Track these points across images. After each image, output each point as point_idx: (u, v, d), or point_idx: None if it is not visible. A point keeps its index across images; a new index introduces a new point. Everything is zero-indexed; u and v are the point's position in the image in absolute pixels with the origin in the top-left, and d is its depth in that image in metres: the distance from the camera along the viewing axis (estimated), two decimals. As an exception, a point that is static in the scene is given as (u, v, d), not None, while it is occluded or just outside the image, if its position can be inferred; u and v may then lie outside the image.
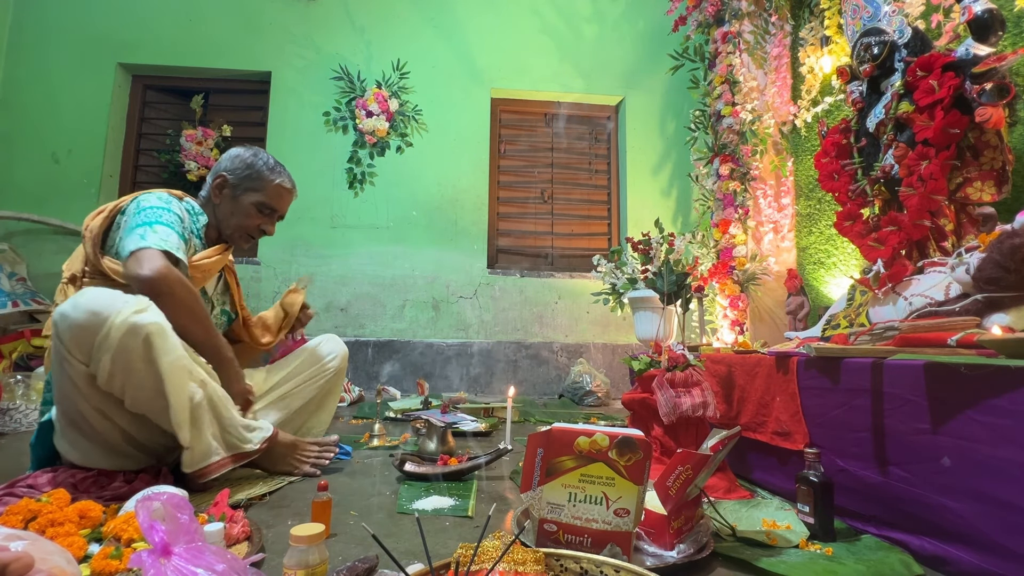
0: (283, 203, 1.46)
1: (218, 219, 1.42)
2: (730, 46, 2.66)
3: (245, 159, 1.41)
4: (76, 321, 1.01)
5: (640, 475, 0.83)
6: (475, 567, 0.62)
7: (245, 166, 1.41)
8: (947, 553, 0.87)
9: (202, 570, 0.58)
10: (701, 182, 2.81)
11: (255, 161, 1.41)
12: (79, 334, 1.01)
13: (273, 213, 1.45)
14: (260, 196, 1.41)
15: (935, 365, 0.91)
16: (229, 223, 1.41)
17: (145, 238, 1.17)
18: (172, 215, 1.26)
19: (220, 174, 1.40)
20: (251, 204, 1.41)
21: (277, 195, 1.44)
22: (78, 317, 1.01)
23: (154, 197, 1.28)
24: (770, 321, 2.52)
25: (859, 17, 1.68)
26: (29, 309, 2.78)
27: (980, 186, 1.41)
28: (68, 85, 3.22)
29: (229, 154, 1.43)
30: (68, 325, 1.02)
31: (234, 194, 1.40)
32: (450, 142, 3.41)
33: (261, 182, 1.41)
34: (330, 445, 1.46)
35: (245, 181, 1.40)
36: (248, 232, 1.43)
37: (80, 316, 1.01)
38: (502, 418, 2.24)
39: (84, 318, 1.01)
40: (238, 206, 1.40)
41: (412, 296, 3.27)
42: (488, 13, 3.49)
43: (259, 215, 1.43)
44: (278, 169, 1.45)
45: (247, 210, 1.41)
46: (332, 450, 1.45)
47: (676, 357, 1.37)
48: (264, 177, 1.41)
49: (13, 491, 1.04)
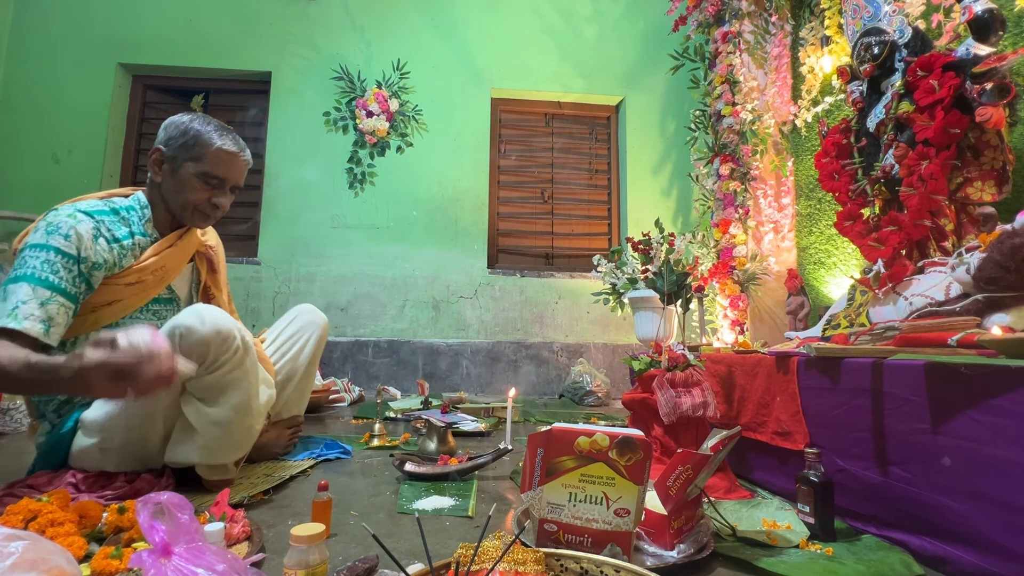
0: (231, 170, 1.26)
1: (165, 199, 1.24)
2: (730, 46, 2.66)
3: (180, 125, 1.23)
4: (203, 336, 1.08)
5: (640, 475, 0.83)
6: (475, 567, 0.62)
7: (180, 133, 1.22)
8: (947, 553, 0.87)
9: (202, 570, 0.58)
10: (701, 182, 2.80)
11: (191, 126, 1.22)
12: (203, 349, 1.08)
13: (222, 183, 1.25)
14: (202, 165, 1.22)
15: (935, 365, 0.90)
16: (176, 201, 1.23)
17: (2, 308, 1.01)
18: (46, 251, 1.06)
19: (155, 147, 1.22)
20: (193, 176, 1.22)
21: (220, 161, 1.23)
22: (205, 332, 1.08)
23: (43, 225, 1.08)
24: (770, 321, 2.52)
25: (859, 17, 1.68)
26: (29, 309, 2.78)
27: (980, 186, 1.41)
28: (68, 85, 3.22)
29: (165, 123, 1.24)
30: (197, 339, 1.07)
31: (173, 167, 1.22)
32: (450, 142, 3.41)
33: (200, 148, 1.22)
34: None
35: (182, 151, 1.21)
36: (199, 208, 1.25)
37: (207, 331, 1.08)
38: (502, 418, 2.24)
39: (211, 334, 1.08)
40: (180, 180, 1.22)
41: (412, 296, 3.27)
42: (488, 13, 3.49)
43: (205, 187, 1.23)
44: (224, 131, 1.25)
45: (190, 183, 1.22)
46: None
47: (676, 357, 1.37)
48: (203, 142, 1.22)
49: (13, 491, 1.04)
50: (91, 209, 1.16)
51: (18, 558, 0.58)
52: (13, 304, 1.00)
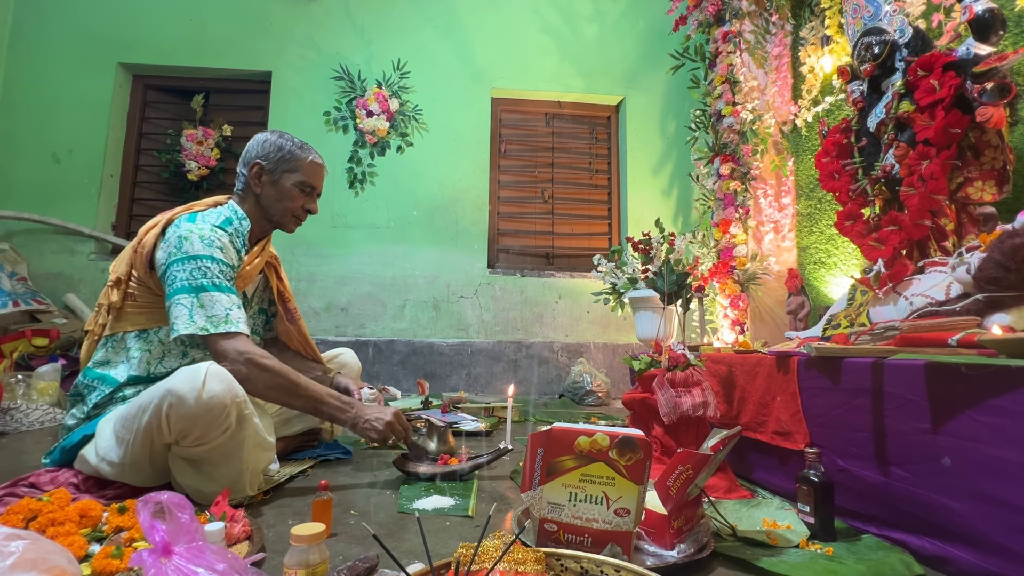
0: (320, 180, 1.45)
1: (263, 207, 1.38)
2: (731, 46, 2.66)
3: (274, 142, 1.38)
4: (190, 412, 1.03)
5: (640, 475, 0.83)
6: (475, 567, 0.62)
7: (276, 148, 1.37)
8: (948, 553, 0.87)
9: (203, 569, 0.58)
10: (701, 182, 2.80)
11: (284, 143, 1.39)
12: (189, 425, 1.04)
13: (313, 191, 1.43)
14: (299, 175, 1.38)
15: (936, 365, 0.90)
16: (277, 208, 1.39)
17: (193, 319, 1.14)
18: (216, 264, 1.20)
19: (255, 162, 1.36)
20: (292, 185, 1.38)
21: (313, 172, 1.41)
22: (194, 409, 1.03)
23: (196, 238, 1.20)
24: (771, 321, 2.52)
25: (860, 16, 1.68)
26: (30, 309, 2.78)
27: (981, 186, 1.41)
28: (68, 85, 3.22)
29: (257, 140, 1.39)
30: (184, 413, 1.03)
31: (273, 179, 1.37)
32: (450, 142, 3.41)
33: (296, 162, 1.38)
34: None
35: (280, 164, 1.37)
36: (295, 214, 1.42)
37: (197, 409, 1.03)
38: (502, 418, 2.24)
39: (200, 411, 1.03)
40: (281, 190, 1.38)
41: (412, 296, 3.27)
42: (488, 13, 3.49)
43: (301, 195, 1.40)
44: (307, 147, 1.42)
45: (290, 192, 1.38)
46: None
47: (676, 357, 1.37)
48: (297, 157, 1.38)
49: (14, 490, 1.04)
50: (221, 223, 1.29)
51: (19, 557, 0.58)
52: (225, 310, 1.17)
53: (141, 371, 1.21)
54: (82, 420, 1.20)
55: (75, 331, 2.75)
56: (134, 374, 1.21)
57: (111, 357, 1.24)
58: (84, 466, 1.14)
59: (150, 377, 1.21)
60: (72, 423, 1.21)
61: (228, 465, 1.10)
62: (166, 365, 1.23)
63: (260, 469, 1.18)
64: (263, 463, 1.18)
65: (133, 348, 1.23)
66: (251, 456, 1.13)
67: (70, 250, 3.13)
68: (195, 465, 1.11)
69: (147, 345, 1.23)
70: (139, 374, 1.21)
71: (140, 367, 1.22)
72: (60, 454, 1.18)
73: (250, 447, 1.11)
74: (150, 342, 1.24)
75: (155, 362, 1.23)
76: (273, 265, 1.53)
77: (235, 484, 1.11)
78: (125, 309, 1.25)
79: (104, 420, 1.15)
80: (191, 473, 1.12)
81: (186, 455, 1.09)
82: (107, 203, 3.27)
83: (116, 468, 1.10)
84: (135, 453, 1.08)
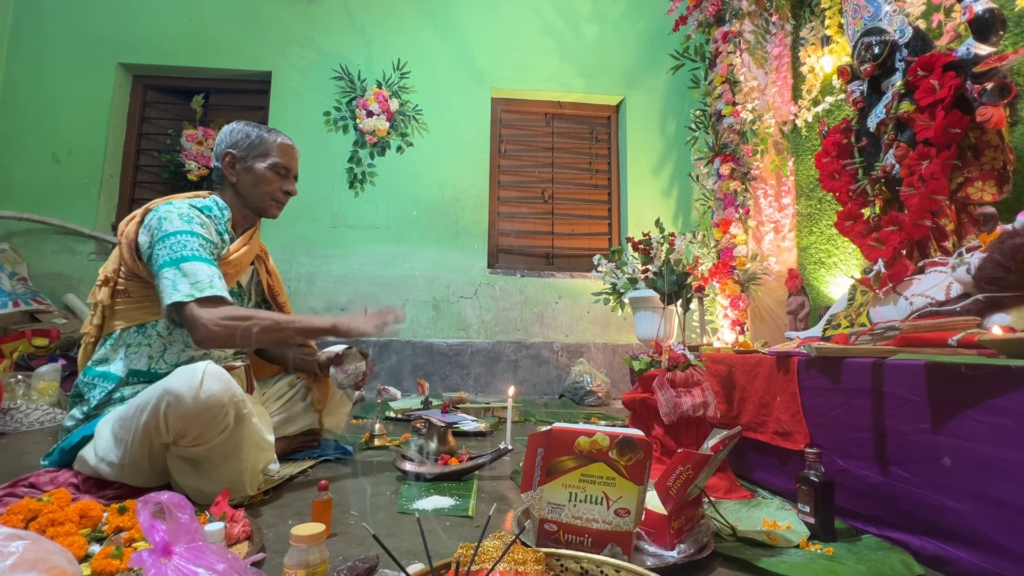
0: (293, 159, 1.45)
1: (242, 195, 1.40)
2: (731, 46, 2.66)
3: (241, 130, 1.40)
4: (188, 411, 1.03)
5: (640, 475, 0.83)
6: (475, 567, 0.62)
7: (244, 135, 1.40)
8: (948, 553, 0.87)
9: (203, 570, 0.58)
10: (702, 182, 2.80)
11: (251, 130, 1.41)
12: (187, 425, 1.04)
13: (288, 172, 1.44)
14: (272, 158, 1.40)
15: (936, 365, 0.90)
16: (255, 194, 1.40)
17: (177, 288, 1.15)
18: (196, 237, 1.22)
19: (226, 152, 1.38)
20: (266, 168, 1.39)
21: (285, 152, 1.43)
22: (191, 408, 1.03)
23: (175, 215, 1.23)
24: (771, 321, 2.52)
25: (860, 17, 1.68)
26: (30, 309, 2.78)
27: (981, 186, 1.41)
28: (68, 85, 3.22)
29: (225, 131, 1.41)
30: (183, 413, 1.03)
31: (246, 165, 1.39)
32: (450, 142, 3.41)
33: (266, 145, 1.40)
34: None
35: (251, 150, 1.39)
36: (274, 197, 1.42)
37: (194, 408, 1.03)
38: (502, 418, 2.24)
39: (198, 410, 1.03)
40: (255, 175, 1.39)
41: (412, 296, 3.27)
42: (488, 13, 3.49)
43: (277, 177, 1.41)
44: (275, 130, 1.44)
45: (265, 176, 1.39)
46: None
47: (676, 357, 1.37)
48: (266, 140, 1.40)
49: (14, 491, 1.04)
50: (201, 207, 1.31)
51: (19, 558, 0.58)
52: (208, 277, 1.18)
53: (142, 366, 1.22)
54: (81, 421, 1.20)
55: (75, 331, 2.75)
56: (134, 368, 1.22)
57: (110, 355, 1.24)
58: (83, 467, 1.14)
59: (151, 373, 1.22)
60: (71, 424, 1.21)
61: (227, 465, 1.10)
62: (168, 360, 1.24)
63: (260, 469, 1.18)
64: (263, 463, 1.18)
65: (132, 344, 1.24)
66: (250, 456, 1.13)
67: (70, 250, 3.13)
68: (194, 465, 1.11)
69: (146, 340, 1.24)
70: (140, 368, 1.22)
71: (141, 362, 1.22)
72: (59, 456, 1.18)
73: (249, 447, 1.11)
74: (148, 336, 1.24)
75: (156, 356, 1.24)
76: (262, 258, 1.54)
77: (235, 484, 1.11)
78: (119, 306, 1.25)
79: (103, 421, 1.15)
80: (190, 473, 1.12)
81: (185, 455, 1.09)
82: (107, 203, 3.27)
83: (115, 468, 1.10)
84: (134, 453, 1.08)
